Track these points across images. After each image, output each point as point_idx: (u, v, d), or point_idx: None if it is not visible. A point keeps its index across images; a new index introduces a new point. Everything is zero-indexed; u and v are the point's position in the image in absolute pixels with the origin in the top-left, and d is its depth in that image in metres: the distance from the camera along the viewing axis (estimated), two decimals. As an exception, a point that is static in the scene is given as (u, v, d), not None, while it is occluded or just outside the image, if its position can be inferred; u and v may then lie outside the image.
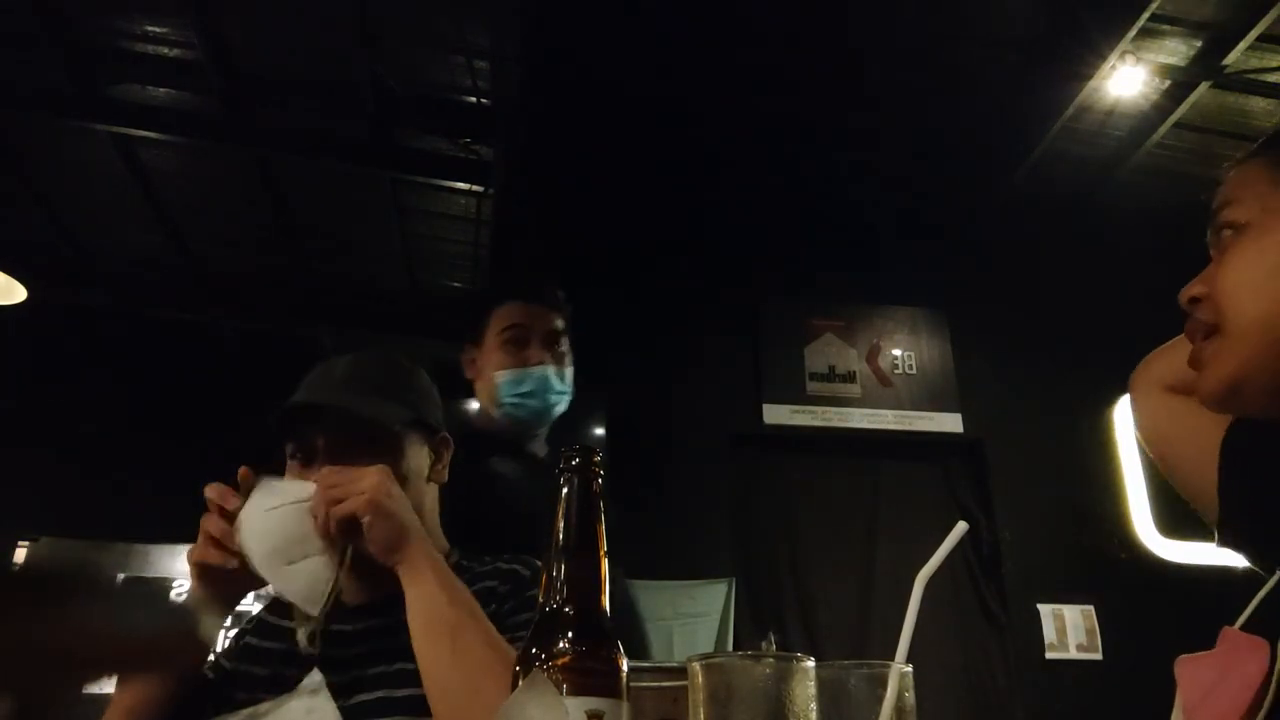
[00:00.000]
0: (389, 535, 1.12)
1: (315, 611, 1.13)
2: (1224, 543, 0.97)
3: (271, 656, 1.22)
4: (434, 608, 1.08)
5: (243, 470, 1.16)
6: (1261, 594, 0.79)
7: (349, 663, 1.17)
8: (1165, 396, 1.07)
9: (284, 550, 1.12)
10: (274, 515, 1.12)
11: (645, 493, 4.33)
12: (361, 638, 1.21)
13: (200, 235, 5.25)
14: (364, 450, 1.21)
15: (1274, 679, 0.69)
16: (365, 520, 1.11)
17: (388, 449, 1.24)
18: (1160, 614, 3.85)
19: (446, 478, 1.35)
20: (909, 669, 0.67)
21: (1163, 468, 1.09)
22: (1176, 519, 4.70)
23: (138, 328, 5.64)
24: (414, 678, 1.08)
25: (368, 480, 1.13)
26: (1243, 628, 0.77)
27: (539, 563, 1.27)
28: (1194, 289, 0.90)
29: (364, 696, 1.14)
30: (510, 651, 1.04)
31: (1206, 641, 0.80)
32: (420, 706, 1.07)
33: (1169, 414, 1.07)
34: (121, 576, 4.82)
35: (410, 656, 1.09)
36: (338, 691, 1.12)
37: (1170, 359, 1.08)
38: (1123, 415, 4.94)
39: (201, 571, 1.14)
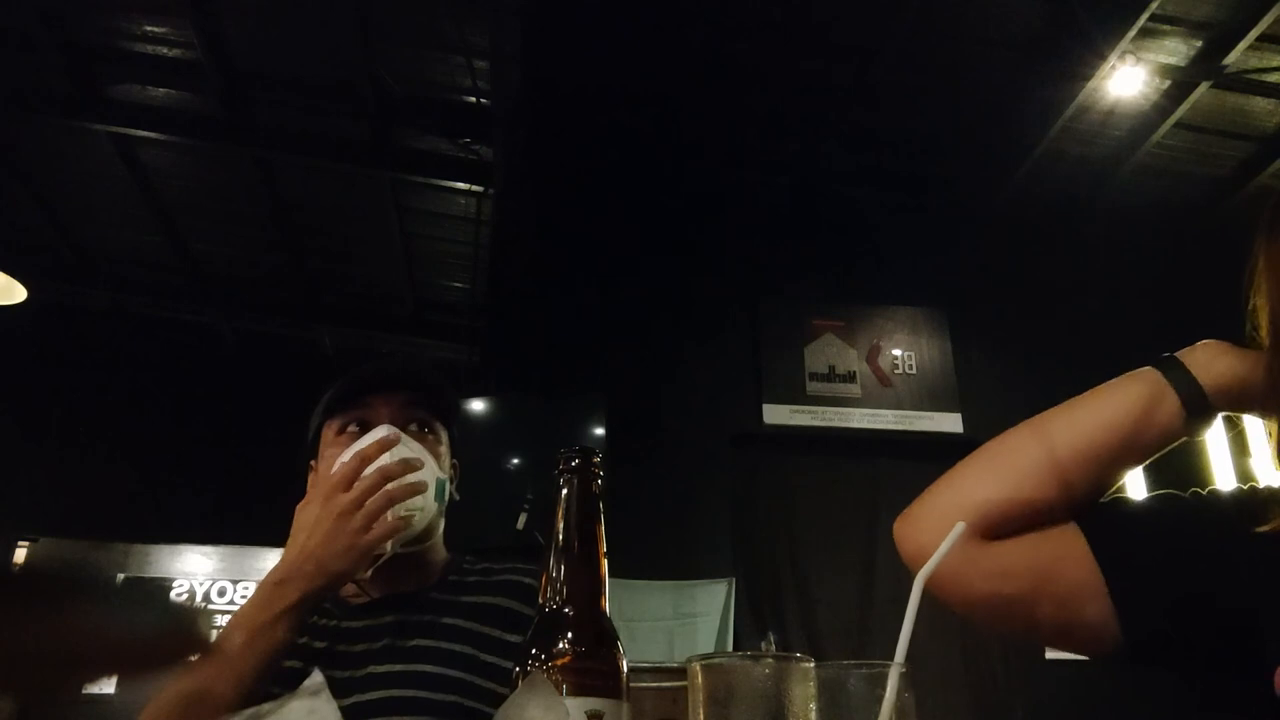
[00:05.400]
0: None
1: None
2: (1136, 656, 0.84)
3: None
4: None
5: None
6: None
7: (350, 661, 1.18)
8: (984, 543, 0.87)
9: None
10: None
11: (645, 493, 4.34)
12: (362, 636, 1.21)
13: (200, 235, 5.25)
14: (415, 436, 1.22)
15: None
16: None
17: (432, 441, 1.25)
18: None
19: (458, 497, 1.36)
20: (909, 669, 0.67)
21: (1015, 610, 0.88)
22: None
23: (138, 328, 5.64)
24: (414, 679, 1.08)
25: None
26: None
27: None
28: None
29: (364, 696, 1.14)
30: None
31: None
32: (420, 707, 1.07)
33: (1008, 551, 0.87)
34: (121, 576, 4.82)
35: (411, 657, 1.09)
36: (337, 691, 1.12)
37: (961, 496, 0.90)
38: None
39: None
